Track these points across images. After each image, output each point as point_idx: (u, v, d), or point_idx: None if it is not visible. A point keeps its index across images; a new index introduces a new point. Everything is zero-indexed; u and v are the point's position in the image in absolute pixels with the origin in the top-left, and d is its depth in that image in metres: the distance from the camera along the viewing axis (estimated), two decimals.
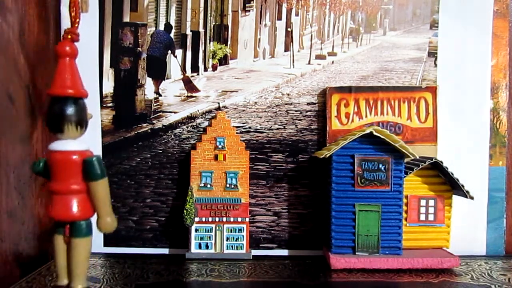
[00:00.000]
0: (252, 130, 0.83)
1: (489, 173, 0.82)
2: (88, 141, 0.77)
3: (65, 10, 0.81)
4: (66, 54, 0.49)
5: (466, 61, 0.81)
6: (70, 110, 0.48)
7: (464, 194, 0.72)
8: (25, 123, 0.77)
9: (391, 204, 0.71)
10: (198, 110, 0.84)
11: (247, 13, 0.83)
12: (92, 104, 0.78)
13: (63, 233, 0.49)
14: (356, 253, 0.71)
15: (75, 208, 0.48)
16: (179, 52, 0.84)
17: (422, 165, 0.71)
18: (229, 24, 0.84)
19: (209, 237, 0.78)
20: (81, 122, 0.49)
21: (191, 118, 0.83)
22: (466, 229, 0.80)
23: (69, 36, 0.49)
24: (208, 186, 0.78)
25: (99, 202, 0.49)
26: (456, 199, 0.75)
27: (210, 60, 0.84)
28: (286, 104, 0.83)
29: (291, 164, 0.82)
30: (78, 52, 0.51)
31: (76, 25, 0.50)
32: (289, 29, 0.84)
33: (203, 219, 0.78)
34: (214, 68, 0.84)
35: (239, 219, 0.78)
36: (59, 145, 0.48)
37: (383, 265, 0.69)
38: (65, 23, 0.81)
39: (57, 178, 0.49)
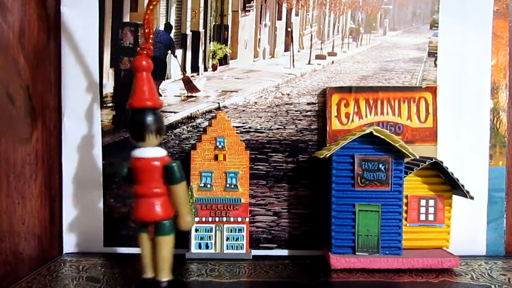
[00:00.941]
0: (252, 130, 0.83)
1: (489, 173, 0.82)
2: (88, 141, 0.82)
3: (65, 10, 0.81)
4: (143, 69, 0.54)
5: (466, 61, 0.81)
6: (150, 120, 0.53)
7: (464, 194, 0.72)
8: (25, 123, 0.77)
9: (391, 204, 0.71)
10: (198, 110, 0.83)
11: (247, 13, 0.83)
12: (92, 104, 0.82)
13: (148, 232, 0.56)
14: (356, 253, 0.71)
15: (158, 209, 0.54)
16: (179, 52, 0.84)
17: (422, 165, 0.71)
18: (229, 24, 0.83)
19: (209, 237, 0.78)
20: (160, 130, 0.55)
21: (191, 118, 0.83)
22: (466, 229, 0.80)
23: (145, 52, 0.54)
24: (208, 186, 0.78)
25: (180, 203, 0.55)
26: (456, 199, 0.75)
27: (210, 60, 0.84)
28: (286, 104, 0.83)
29: (291, 164, 0.82)
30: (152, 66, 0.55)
31: (150, 40, 0.55)
32: (289, 29, 0.84)
33: (203, 219, 0.78)
34: (214, 68, 0.84)
35: (239, 219, 0.78)
36: (141, 153, 0.54)
37: (383, 265, 0.69)
38: (65, 23, 0.81)
39: (141, 182, 0.54)
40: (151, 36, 0.55)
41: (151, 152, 0.54)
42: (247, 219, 0.78)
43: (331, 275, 0.69)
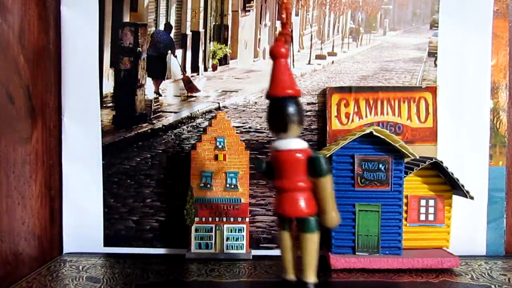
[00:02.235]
0: (252, 130, 0.83)
1: (489, 173, 0.82)
2: (88, 141, 0.82)
3: (65, 10, 0.81)
4: (282, 55, 0.50)
5: (466, 61, 0.81)
6: (292, 109, 0.50)
7: (464, 194, 0.72)
8: (25, 123, 0.78)
9: (391, 204, 0.71)
10: (198, 110, 0.83)
11: (247, 13, 0.83)
12: (92, 104, 0.82)
13: (290, 228, 0.52)
14: (356, 253, 0.71)
15: (303, 204, 0.50)
16: (179, 52, 0.84)
17: (422, 165, 0.71)
18: (229, 24, 0.83)
19: (209, 237, 0.78)
20: (302, 120, 0.50)
21: (191, 118, 0.83)
22: (466, 229, 0.80)
23: (284, 38, 0.51)
24: (208, 186, 0.78)
25: (326, 197, 0.50)
26: (456, 199, 0.74)
27: (210, 60, 0.84)
28: None
29: None
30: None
31: (288, 26, 0.51)
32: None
33: (203, 219, 0.78)
34: (214, 68, 0.84)
35: (239, 219, 0.78)
36: (283, 144, 0.50)
37: (383, 265, 0.69)
38: (65, 23, 0.81)
39: (284, 176, 0.51)
40: (290, 22, 0.52)
41: (294, 143, 0.51)
42: (247, 219, 0.78)
43: (331, 275, 0.69)
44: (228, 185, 0.78)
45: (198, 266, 0.72)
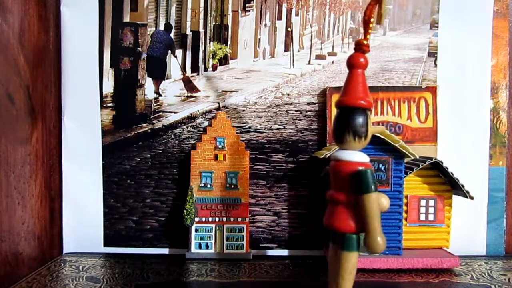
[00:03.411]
0: (252, 130, 0.83)
1: (489, 173, 0.82)
2: (88, 141, 0.82)
3: (65, 10, 0.81)
4: (360, 66, 0.49)
5: (466, 61, 0.81)
6: (360, 121, 0.48)
7: (464, 194, 0.72)
8: (25, 123, 0.77)
9: (391, 204, 0.69)
10: (198, 110, 0.83)
11: (247, 13, 0.83)
12: (92, 104, 0.82)
13: (333, 245, 0.49)
14: None
15: (349, 220, 0.47)
16: (179, 52, 0.84)
17: (422, 165, 0.71)
18: (229, 24, 0.83)
19: (209, 237, 0.78)
20: (367, 133, 0.48)
21: (191, 118, 0.83)
22: (466, 229, 0.80)
23: (362, 49, 0.50)
24: (208, 186, 0.78)
25: (369, 218, 0.45)
26: (456, 199, 0.74)
27: (210, 60, 0.84)
28: (286, 104, 0.83)
29: (291, 164, 0.82)
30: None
31: (368, 36, 0.50)
32: (289, 29, 0.84)
33: (203, 219, 0.78)
34: (214, 68, 0.84)
35: (239, 219, 0.78)
36: (342, 155, 0.48)
37: (383, 265, 0.69)
38: (65, 23, 0.81)
39: (334, 187, 0.49)
40: (370, 32, 0.51)
41: (353, 155, 0.48)
42: (247, 219, 0.78)
43: None
44: (228, 185, 0.78)
45: (198, 266, 0.72)
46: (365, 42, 0.50)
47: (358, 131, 0.48)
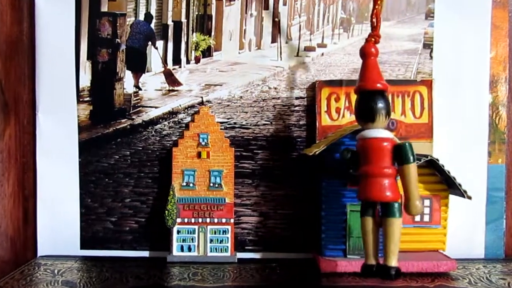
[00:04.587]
0: (237, 126, 0.82)
1: (488, 172, 0.81)
2: (64, 138, 0.80)
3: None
4: (372, 54, 0.60)
5: (464, 53, 0.80)
6: (381, 102, 0.57)
7: (462, 193, 0.71)
8: None
9: None
10: (180, 105, 0.83)
11: (232, 2, 0.83)
12: (68, 98, 0.81)
13: (373, 214, 0.57)
14: (348, 256, 0.70)
15: (388, 190, 0.55)
16: (160, 43, 0.84)
17: (417, 163, 0.69)
18: (213, 14, 0.83)
19: (192, 239, 0.77)
20: (389, 112, 0.58)
21: (172, 113, 0.83)
22: (463, 230, 0.80)
23: (373, 39, 0.60)
24: (191, 185, 0.78)
25: (410, 184, 0.55)
26: (453, 199, 0.74)
27: (193, 52, 0.84)
28: (273, 98, 0.82)
29: (279, 162, 0.82)
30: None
31: (378, 29, 0.61)
32: (276, 19, 0.84)
33: (186, 220, 0.77)
34: (197, 60, 0.84)
35: (224, 220, 0.77)
36: (372, 133, 0.57)
37: None
38: (40, 12, 0.80)
39: (370, 163, 0.56)
40: (379, 25, 0.61)
41: (381, 133, 0.57)
42: (232, 220, 0.78)
43: (321, 279, 0.68)
44: (211, 184, 0.78)
45: (180, 270, 0.72)
46: (376, 33, 0.60)
47: (388, 110, 0.57)
